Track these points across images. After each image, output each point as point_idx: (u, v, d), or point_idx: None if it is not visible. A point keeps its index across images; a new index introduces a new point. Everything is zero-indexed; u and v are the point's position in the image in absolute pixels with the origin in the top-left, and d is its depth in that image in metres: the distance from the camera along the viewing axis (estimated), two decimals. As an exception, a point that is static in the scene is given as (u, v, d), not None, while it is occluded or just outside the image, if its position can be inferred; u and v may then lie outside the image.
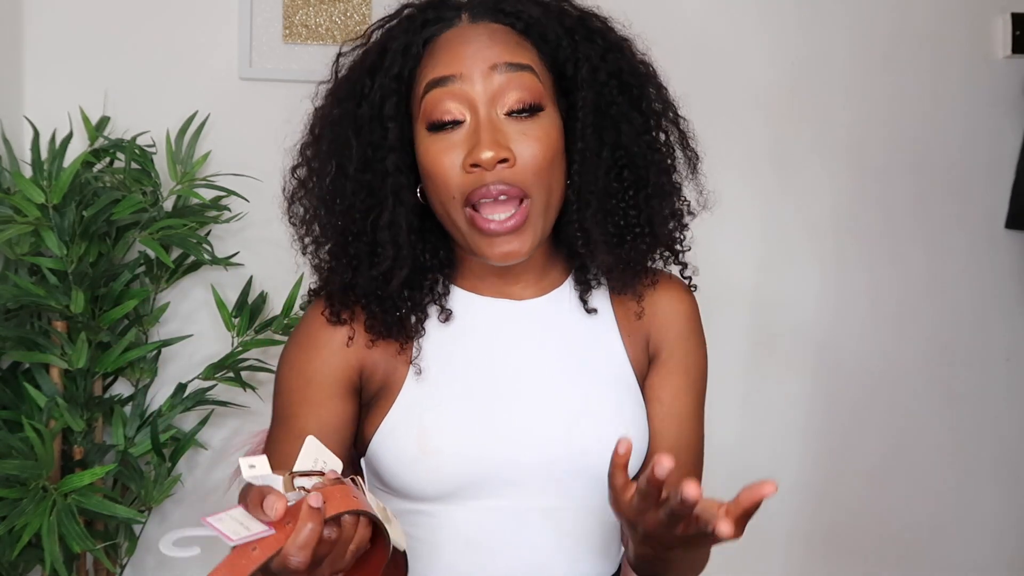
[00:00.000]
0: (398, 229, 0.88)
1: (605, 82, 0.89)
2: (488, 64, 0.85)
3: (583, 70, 0.88)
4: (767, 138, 1.97)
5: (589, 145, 0.88)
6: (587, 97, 0.88)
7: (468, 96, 0.85)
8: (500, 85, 0.85)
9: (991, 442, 2.05)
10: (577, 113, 0.88)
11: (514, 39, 0.88)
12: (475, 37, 0.87)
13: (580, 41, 0.89)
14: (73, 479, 1.42)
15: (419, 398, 0.91)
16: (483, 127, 0.84)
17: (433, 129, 0.86)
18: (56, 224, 1.54)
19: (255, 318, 1.74)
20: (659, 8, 1.94)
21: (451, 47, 0.87)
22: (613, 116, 0.89)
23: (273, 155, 1.77)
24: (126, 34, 1.79)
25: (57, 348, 1.55)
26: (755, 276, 1.98)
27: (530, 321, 0.94)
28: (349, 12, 1.84)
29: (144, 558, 1.79)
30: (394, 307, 0.91)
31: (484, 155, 0.83)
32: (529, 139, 0.85)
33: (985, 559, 2.05)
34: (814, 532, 1.98)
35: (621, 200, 0.90)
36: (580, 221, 0.89)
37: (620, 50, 0.93)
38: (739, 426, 1.94)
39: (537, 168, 0.85)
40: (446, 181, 0.86)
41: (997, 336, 2.05)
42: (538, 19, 0.89)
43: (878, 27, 2.00)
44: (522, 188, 0.85)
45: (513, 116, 0.85)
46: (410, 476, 0.89)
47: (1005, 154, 2.03)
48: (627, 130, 0.90)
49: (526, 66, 0.86)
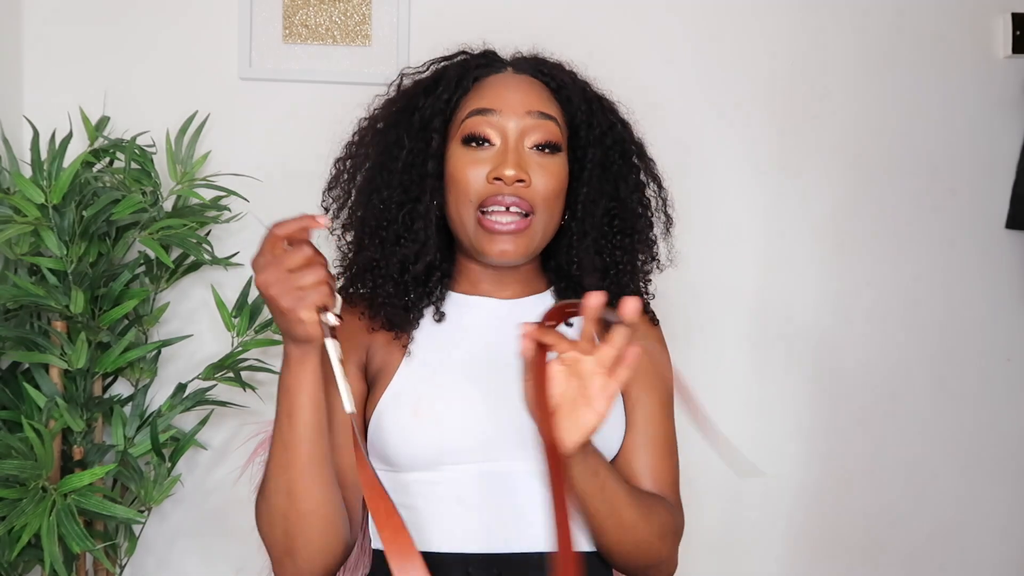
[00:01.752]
0: (429, 220, 1.05)
1: (611, 146, 1.10)
2: (525, 108, 1.04)
3: (595, 132, 1.09)
4: (767, 138, 1.97)
5: (593, 190, 1.08)
6: (596, 153, 1.08)
7: (503, 127, 1.04)
8: (529, 126, 1.04)
9: (992, 442, 2.05)
10: (586, 164, 1.08)
11: (546, 94, 1.08)
12: (517, 85, 1.07)
13: (595, 111, 1.10)
14: (73, 479, 1.42)
15: (412, 376, 1.04)
16: (510, 151, 1.03)
17: (467, 142, 1.04)
18: (56, 224, 1.54)
19: (255, 318, 1.74)
20: (658, 8, 1.94)
21: (496, 88, 1.07)
22: (614, 173, 1.09)
23: (273, 155, 1.78)
24: (126, 34, 1.79)
25: (57, 348, 1.55)
26: (755, 277, 1.98)
27: (512, 314, 1.08)
28: (349, 12, 1.84)
29: (144, 558, 1.79)
30: (405, 291, 1.06)
31: (507, 171, 1.01)
32: (545, 171, 1.04)
33: (986, 559, 2.05)
34: (813, 532, 1.98)
35: (610, 241, 1.09)
36: (578, 249, 1.07)
37: (624, 126, 1.14)
38: (739, 426, 1.94)
39: (547, 194, 1.04)
40: (467, 187, 1.03)
41: (998, 336, 2.05)
42: (567, 84, 1.09)
43: (878, 27, 2.00)
44: (531, 204, 1.03)
45: (536, 150, 1.04)
46: (406, 444, 1.00)
47: (1005, 154, 2.03)
48: (623, 187, 1.10)
49: (552, 116, 1.06)
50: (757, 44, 1.96)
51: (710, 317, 1.95)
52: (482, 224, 1.02)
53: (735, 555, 1.96)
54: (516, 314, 1.08)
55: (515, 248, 1.02)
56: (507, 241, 1.02)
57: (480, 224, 1.02)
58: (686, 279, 1.76)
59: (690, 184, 1.72)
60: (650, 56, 1.92)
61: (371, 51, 1.81)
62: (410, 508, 1.01)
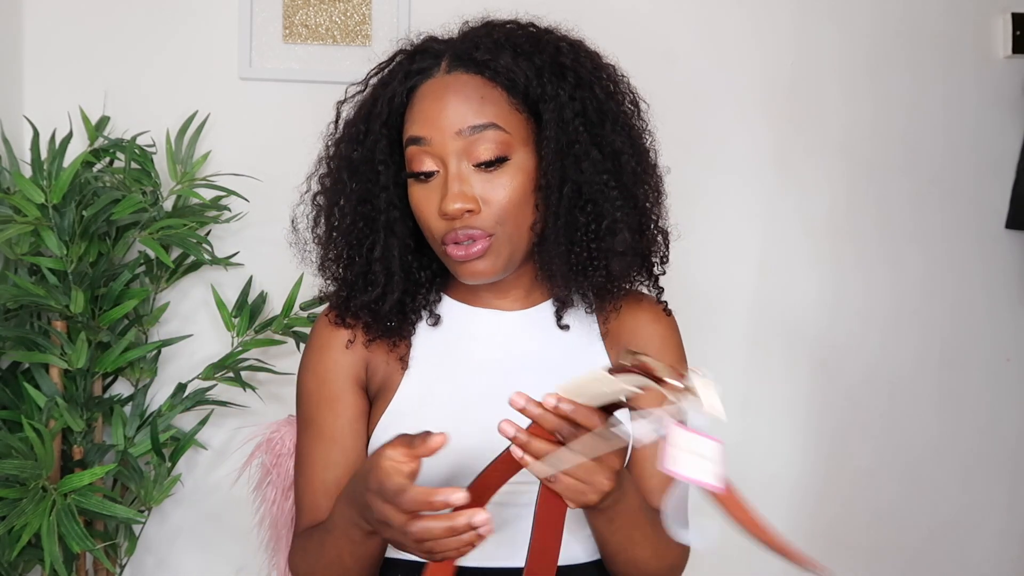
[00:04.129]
0: (391, 259, 1.01)
1: (570, 120, 0.97)
2: (454, 129, 0.95)
3: (548, 110, 0.97)
4: (766, 139, 1.97)
5: (552, 183, 0.97)
6: (550, 137, 0.96)
7: (440, 153, 0.96)
8: (467, 144, 0.95)
9: (991, 443, 2.05)
10: (545, 150, 0.97)
11: (480, 94, 0.96)
12: (446, 96, 0.96)
13: (548, 81, 0.97)
14: (73, 479, 1.42)
15: (413, 395, 1.01)
16: (451, 179, 0.95)
17: (413, 177, 0.98)
18: (56, 224, 1.54)
19: (255, 318, 1.74)
20: (657, 10, 1.94)
21: (425, 105, 0.97)
22: (575, 154, 0.97)
23: (273, 155, 1.78)
24: (126, 34, 1.79)
25: (57, 348, 1.55)
26: (754, 276, 1.98)
27: (512, 329, 1.05)
28: (349, 12, 1.84)
29: (144, 558, 1.79)
30: (386, 319, 1.02)
31: (449, 207, 0.94)
32: (495, 187, 0.96)
33: (985, 560, 2.05)
34: (813, 532, 1.98)
35: (585, 234, 0.98)
36: (541, 255, 1.00)
37: (589, 87, 0.99)
38: (738, 426, 1.94)
39: (502, 213, 0.96)
40: (427, 224, 0.98)
41: (997, 336, 2.05)
42: (507, 67, 0.97)
43: (877, 27, 2.00)
44: (484, 231, 0.96)
45: (480, 168, 0.95)
46: None
47: (1005, 154, 2.03)
48: (587, 167, 0.97)
49: (489, 124, 0.95)
50: (756, 44, 1.96)
51: (709, 317, 1.95)
52: (448, 255, 0.98)
53: (735, 555, 1.96)
54: (519, 326, 1.05)
55: (486, 267, 0.97)
56: (475, 264, 0.97)
57: (447, 255, 0.98)
58: (685, 279, 1.76)
59: (690, 184, 1.72)
60: (650, 56, 1.92)
61: (371, 51, 1.81)
62: None
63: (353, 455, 1.02)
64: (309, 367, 1.06)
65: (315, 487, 1.02)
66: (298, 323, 1.69)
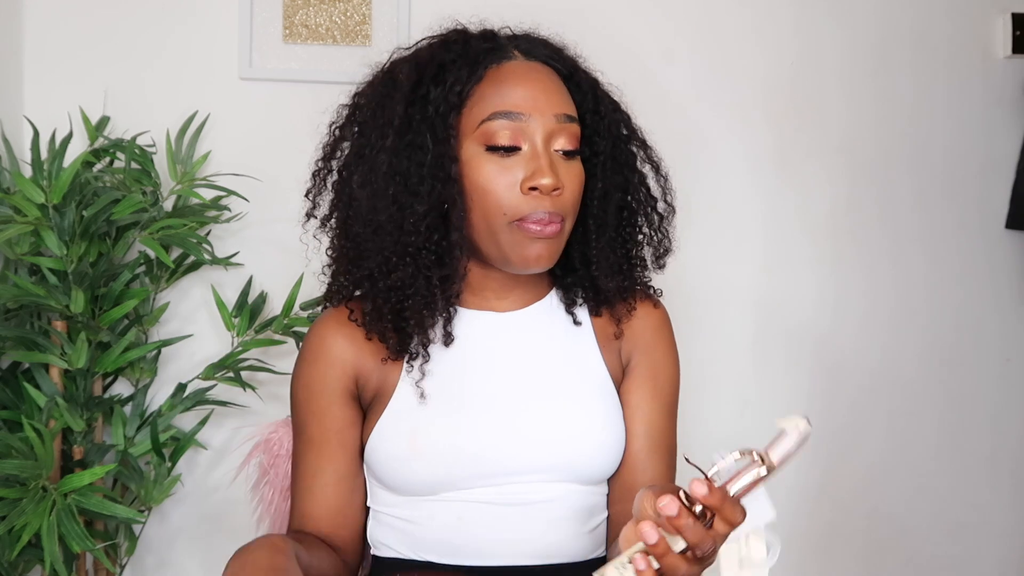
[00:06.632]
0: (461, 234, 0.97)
1: (618, 135, 1.04)
2: (552, 111, 0.96)
3: (604, 121, 1.02)
4: (766, 139, 1.97)
5: (608, 185, 1.02)
6: (607, 146, 1.02)
7: (531, 131, 0.96)
8: (557, 129, 0.97)
9: (990, 443, 2.05)
10: (598, 157, 1.02)
11: (563, 88, 1.00)
12: (537, 80, 0.98)
13: (600, 97, 1.03)
14: (73, 479, 1.42)
15: (409, 403, 1.00)
16: (542, 156, 0.95)
17: (491, 150, 0.96)
18: (56, 224, 1.54)
19: (255, 318, 1.74)
20: (657, 9, 1.94)
21: (514, 83, 0.97)
22: (623, 164, 1.04)
23: (273, 155, 1.78)
24: (126, 34, 1.79)
25: (57, 348, 1.55)
26: (754, 276, 1.98)
27: (511, 331, 1.04)
28: (349, 12, 1.84)
29: (144, 558, 1.80)
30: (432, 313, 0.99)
31: (544, 180, 0.94)
32: (571, 176, 0.98)
33: (986, 559, 2.05)
34: (813, 532, 1.98)
35: (623, 235, 1.05)
36: (597, 248, 1.02)
37: (622, 111, 1.07)
38: (738, 426, 1.94)
39: (575, 200, 0.98)
40: (499, 200, 0.95)
41: (997, 336, 2.05)
42: (573, 71, 1.02)
43: (878, 27, 2.00)
44: (563, 216, 0.97)
45: (562, 155, 0.97)
46: (402, 474, 0.99)
47: (1005, 154, 2.03)
48: (631, 177, 1.05)
49: (575, 118, 0.99)
50: (756, 44, 1.96)
51: (709, 316, 1.95)
52: (523, 228, 0.95)
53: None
54: (517, 327, 1.05)
55: (550, 253, 0.97)
56: (543, 247, 0.96)
57: (518, 228, 0.95)
58: (685, 278, 1.77)
59: (690, 184, 1.71)
60: (651, 56, 1.92)
61: (371, 51, 1.81)
62: (408, 520, 1.01)
63: (342, 464, 1.02)
64: (299, 378, 1.05)
65: (303, 491, 1.03)
66: (298, 323, 1.69)
